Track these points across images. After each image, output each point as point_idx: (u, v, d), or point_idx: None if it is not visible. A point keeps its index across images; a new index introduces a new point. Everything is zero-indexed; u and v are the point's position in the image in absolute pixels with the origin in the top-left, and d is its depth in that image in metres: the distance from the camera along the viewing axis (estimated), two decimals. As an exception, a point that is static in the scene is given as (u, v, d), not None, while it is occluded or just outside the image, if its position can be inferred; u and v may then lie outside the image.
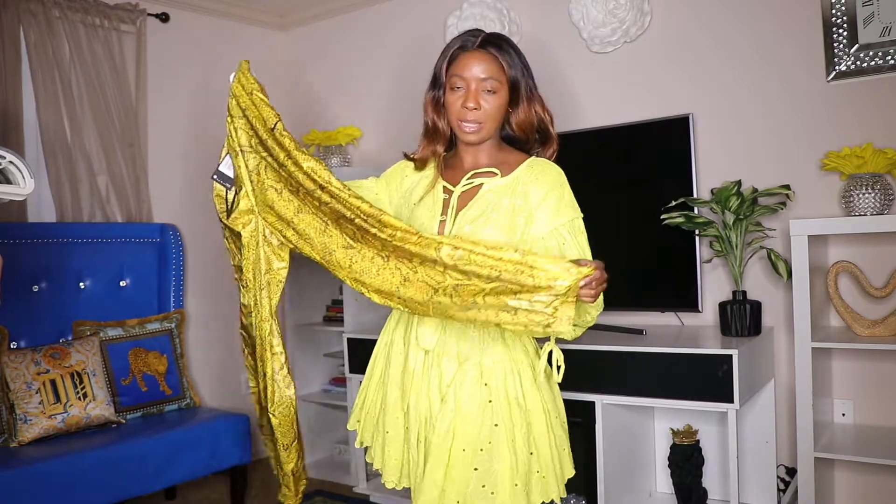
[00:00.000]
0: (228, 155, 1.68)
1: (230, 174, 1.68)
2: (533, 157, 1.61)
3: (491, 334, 1.56)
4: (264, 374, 1.70)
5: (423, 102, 1.66)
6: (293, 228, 1.62)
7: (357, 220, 1.51)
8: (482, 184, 1.58)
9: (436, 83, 1.62)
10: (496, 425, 1.52)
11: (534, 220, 1.53)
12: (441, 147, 1.64)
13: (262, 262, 1.67)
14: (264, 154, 1.62)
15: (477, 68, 1.54)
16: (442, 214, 1.59)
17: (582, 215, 1.57)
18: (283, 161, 1.59)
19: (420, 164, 1.67)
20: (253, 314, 1.71)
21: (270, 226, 1.65)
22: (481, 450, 1.52)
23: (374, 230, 1.49)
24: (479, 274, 1.38)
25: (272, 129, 1.59)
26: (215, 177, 1.69)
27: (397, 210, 1.69)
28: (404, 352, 1.63)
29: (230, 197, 1.68)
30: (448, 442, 1.52)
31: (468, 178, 1.60)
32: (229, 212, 1.68)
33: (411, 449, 1.59)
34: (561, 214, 1.53)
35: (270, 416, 1.70)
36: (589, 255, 1.53)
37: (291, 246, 1.65)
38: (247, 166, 1.64)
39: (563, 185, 1.56)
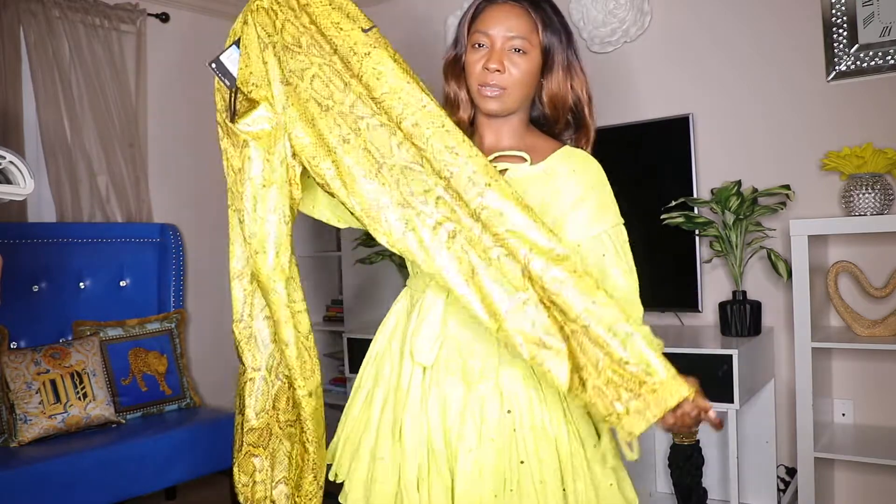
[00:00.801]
0: (235, 45, 1.30)
1: (233, 70, 1.31)
2: (568, 146, 1.36)
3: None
4: (288, 342, 1.30)
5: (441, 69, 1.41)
6: (331, 160, 1.23)
7: (440, 180, 1.17)
8: (506, 169, 1.31)
9: (457, 44, 1.37)
10: (521, 462, 1.25)
11: (566, 222, 1.27)
12: (466, 114, 1.37)
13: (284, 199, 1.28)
14: (320, 61, 1.24)
15: (504, 24, 1.29)
16: None
17: (624, 221, 1.33)
18: (353, 76, 1.22)
19: None
20: (255, 254, 1.29)
21: (297, 149, 1.26)
22: (511, 490, 1.25)
23: (461, 200, 1.15)
24: (565, 311, 1.11)
25: (366, 31, 1.23)
26: (213, 66, 1.32)
27: None
28: (398, 365, 1.35)
29: (230, 97, 1.32)
30: (479, 487, 1.24)
31: (491, 158, 1.31)
32: (233, 114, 1.30)
33: (406, 489, 1.28)
34: (604, 218, 1.28)
35: (304, 397, 1.30)
36: (635, 272, 1.31)
37: (321, 182, 1.25)
38: (282, 68, 1.26)
39: (605, 183, 1.33)
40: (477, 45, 1.31)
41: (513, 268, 1.14)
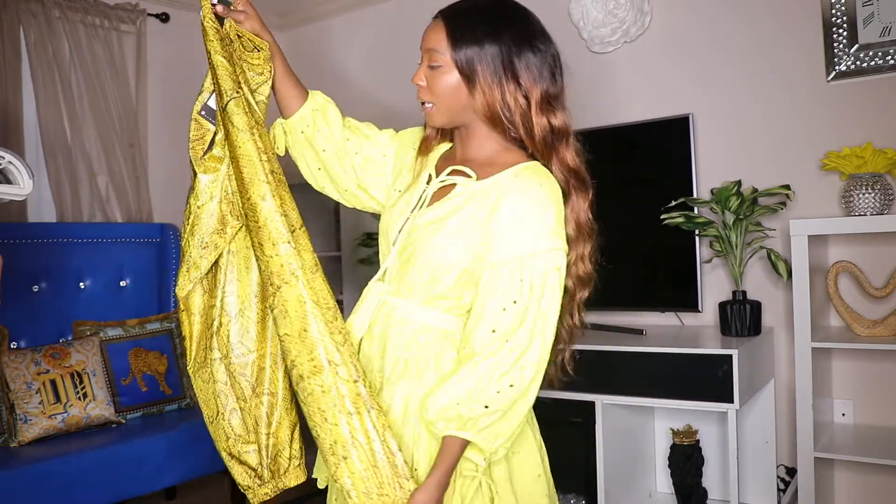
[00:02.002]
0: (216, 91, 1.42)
1: (215, 108, 1.41)
2: (528, 163, 1.29)
3: (422, 352, 1.29)
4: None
5: None
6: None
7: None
8: (454, 185, 1.32)
9: None
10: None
11: (493, 242, 1.23)
12: (431, 130, 1.41)
13: (214, 220, 1.42)
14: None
15: (426, 40, 1.31)
16: (413, 209, 1.35)
17: (566, 250, 1.25)
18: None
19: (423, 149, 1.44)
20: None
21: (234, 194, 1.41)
22: None
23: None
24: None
25: (223, 109, 1.33)
26: (203, 113, 1.42)
27: (390, 184, 1.47)
28: None
29: (213, 135, 1.42)
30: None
31: (448, 173, 1.34)
32: (209, 148, 1.43)
33: (331, 485, 1.37)
34: (534, 239, 1.22)
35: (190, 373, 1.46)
36: (554, 311, 1.23)
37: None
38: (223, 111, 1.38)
39: (547, 204, 1.23)
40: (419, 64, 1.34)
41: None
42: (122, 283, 3.30)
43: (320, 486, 1.47)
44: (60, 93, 3.21)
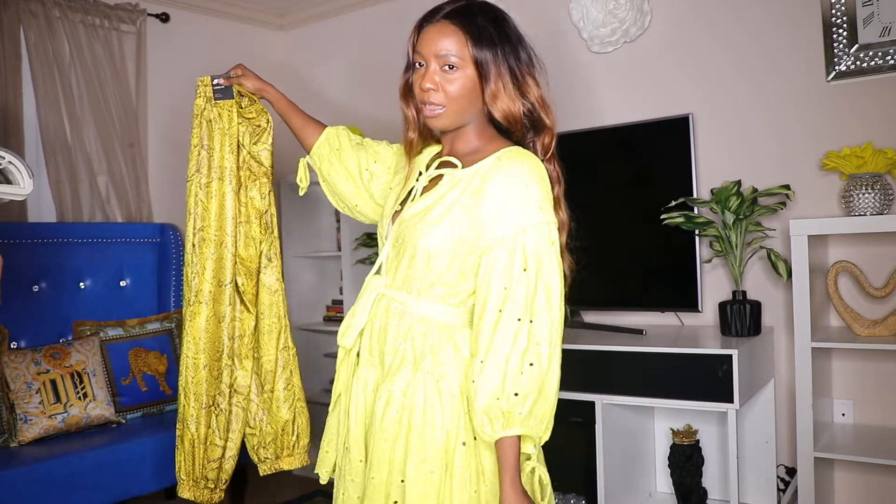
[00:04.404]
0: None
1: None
2: (509, 148, 1.32)
3: (419, 343, 1.31)
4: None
5: None
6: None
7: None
8: (441, 175, 1.36)
9: (408, 66, 1.41)
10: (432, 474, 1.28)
11: (483, 225, 1.27)
12: (415, 135, 1.43)
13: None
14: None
15: (436, 42, 1.30)
16: (404, 203, 1.39)
17: (556, 223, 1.29)
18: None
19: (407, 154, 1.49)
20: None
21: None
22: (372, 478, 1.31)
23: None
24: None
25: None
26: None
27: (387, 186, 1.58)
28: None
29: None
30: (380, 497, 1.30)
31: (436, 166, 1.39)
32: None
33: (336, 477, 1.44)
34: (523, 216, 1.25)
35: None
36: (557, 284, 1.25)
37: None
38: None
39: (529, 184, 1.26)
40: (417, 65, 1.35)
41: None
42: (122, 283, 3.30)
43: (322, 481, 1.51)
44: (60, 93, 3.21)
